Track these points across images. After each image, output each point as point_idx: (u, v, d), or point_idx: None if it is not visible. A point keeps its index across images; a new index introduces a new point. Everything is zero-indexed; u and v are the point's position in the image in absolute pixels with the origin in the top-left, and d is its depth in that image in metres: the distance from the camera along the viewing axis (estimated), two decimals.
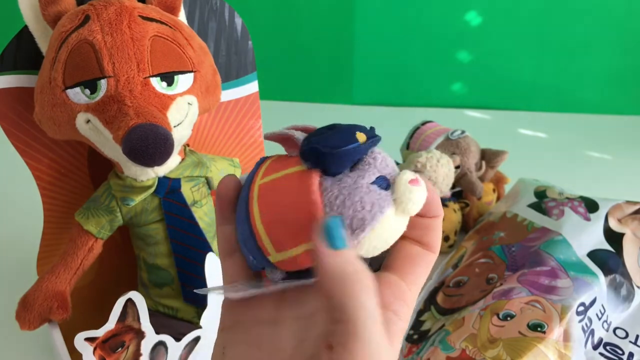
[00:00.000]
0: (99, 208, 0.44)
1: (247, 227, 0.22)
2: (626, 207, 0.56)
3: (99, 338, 0.41)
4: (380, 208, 0.20)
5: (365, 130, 0.22)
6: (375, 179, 0.21)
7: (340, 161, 0.21)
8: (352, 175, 0.21)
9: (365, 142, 0.21)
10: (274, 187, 0.22)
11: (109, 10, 0.39)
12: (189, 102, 0.41)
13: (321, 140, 0.21)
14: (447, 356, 0.44)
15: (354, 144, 0.21)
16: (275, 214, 0.21)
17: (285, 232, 0.21)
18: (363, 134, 0.22)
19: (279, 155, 0.24)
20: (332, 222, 0.20)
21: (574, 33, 1.15)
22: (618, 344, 0.47)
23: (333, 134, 0.21)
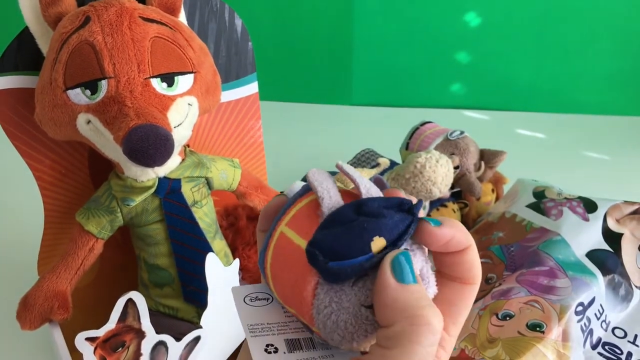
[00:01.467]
0: (100, 208, 0.44)
1: (261, 262, 0.22)
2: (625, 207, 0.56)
3: (100, 338, 0.41)
4: (364, 334, 0.19)
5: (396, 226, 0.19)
6: (372, 304, 0.19)
7: (335, 278, 0.19)
8: (348, 293, 0.19)
9: (380, 251, 0.18)
10: (285, 247, 0.20)
11: (109, 12, 0.39)
12: (189, 102, 0.42)
13: (325, 242, 0.19)
14: None
15: (360, 258, 0.18)
16: (278, 272, 0.20)
17: (284, 292, 0.20)
18: (382, 239, 0.19)
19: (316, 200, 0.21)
20: (403, 256, 0.18)
21: (573, 34, 1.15)
22: (617, 344, 0.47)
23: (346, 234, 0.19)
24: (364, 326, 0.19)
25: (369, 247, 0.18)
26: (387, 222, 0.19)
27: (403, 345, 0.18)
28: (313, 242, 0.19)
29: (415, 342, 0.17)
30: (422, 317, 0.18)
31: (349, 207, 0.19)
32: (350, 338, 0.19)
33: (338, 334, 0.19)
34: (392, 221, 0.19)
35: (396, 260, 0.19)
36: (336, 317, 0.19)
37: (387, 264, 0.18)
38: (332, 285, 0.19)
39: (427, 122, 0.75)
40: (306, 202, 0.21)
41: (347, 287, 0.19)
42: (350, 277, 0.19)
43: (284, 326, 0.23)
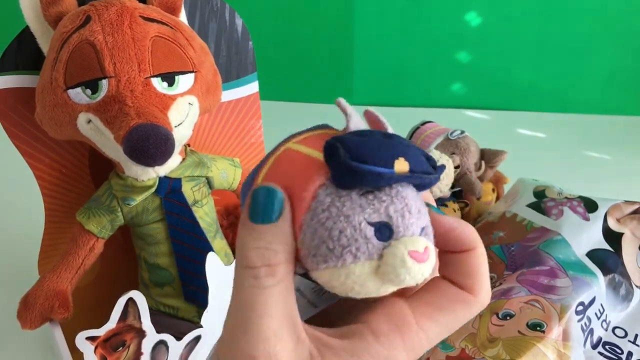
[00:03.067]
0: (100, 208, 0.44)
1: (251, 177, 0.20)
2: (625, 207, 0.56)
3: (100, 337, 0.41)
4: (354, 253, 0.17)
5: (422, 163, 0.18)
6: (377, 222, 0.17)
7: (349, 178, 0.17)
8: (355, 201, 0.17)
9: (400, 174, 0.17)
10: (289, 157, 0.19)
11: (110, 11, 0.39)
12: (189, 102, 0.42)
13: (350, 142, 0.17)
14: (447, 355, 0.44)
15: (380, 169, 0.17)
16: (273, 175, 0.19)
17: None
18: (407, 164, 0.17)
19: (329, 131, 0.20)
20: (266, 190, 0.18)
21: (574, 33, 1.15)
22: (617, 343, 0.47)
23: (373, 144, 0.17)
24: (358, 243, 0.17)
25: (392, 162, 0.17)
26: (415, 152, 0.18)
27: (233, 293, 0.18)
28: (338, 138, 0.17)
29: (238, 285, 0.18)
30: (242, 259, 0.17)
31: (378, 132, 0.18)
32: (339, 254, 0.17)
33: (327, 246, 0.17)
34: (419, 154, 0.18)
35: (256, 193, 0.18)
36: (332, 224, 0.17)
37: (248, 199, 0.18)
38: (337, 190, 0.17)
39: (427, 122, 0.75)
40: (320, 132, 0.20)
41: (354, 195, 0.17)
42: (364, 184, 0.17)
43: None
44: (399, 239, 0.17)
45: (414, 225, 0.17)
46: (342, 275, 0.17)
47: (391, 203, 0.17)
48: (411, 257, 0.17)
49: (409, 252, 0.17)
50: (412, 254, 0.17)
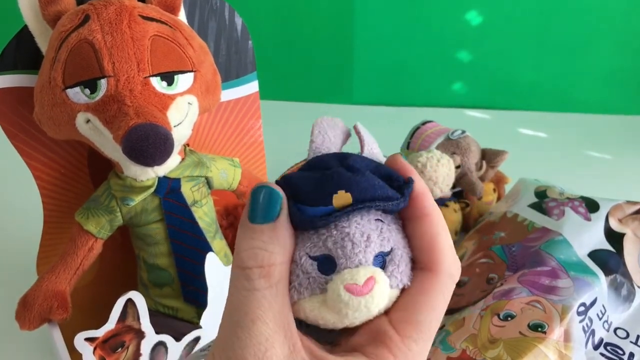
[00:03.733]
0: (99, 208, 0.44)
1: None
2: (627, 207, 0.56)
3: (99, 338, 0.41)
4: (297, 289, 0.17)
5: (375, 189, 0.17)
6: (318, 256, 0.17)
7: (295, 219, 0.17)
8: (299, 236, 0.17)
9: (341, 207, 0.17)
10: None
11: (109, 10, 0.39)
12: (189, 101, 0.41)
13: (294, 180, 0.17)
14: (448, 356, 0.44)
15: (313, 210, 0.17)
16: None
17: None
18: (349, 195, 0.16)
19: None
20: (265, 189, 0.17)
21: (575, 33, 1.14)
22: (619, 344, 0.47)
23: (313, 181, 0.17)
24: (299, 278, 0.17)
25: (330, 198, 0.16)
26: (360, 180, 0.17)
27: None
28: (285, 177, 0.18)
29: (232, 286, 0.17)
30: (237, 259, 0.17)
31: (333, 157, 0.18)
32: (291, 289, 0.17)
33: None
34: (367, 182, 0.17)
35: (255, 192, 0.17)
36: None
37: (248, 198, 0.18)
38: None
39: (428, 122, 0.75)
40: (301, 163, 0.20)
41: (299, 231, 0.18)
42: (304, 225, 0.17)
43: None
44: (340, 272, 0.16)
45: (360, 255, 0.16)
46: (300, 311, 0.17)
47: (330, 235, 0.17)
48: (347, 291, 0.16)
49: (345, 285, 0.16)
50: (348, 287, 0.16)
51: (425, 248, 0.18)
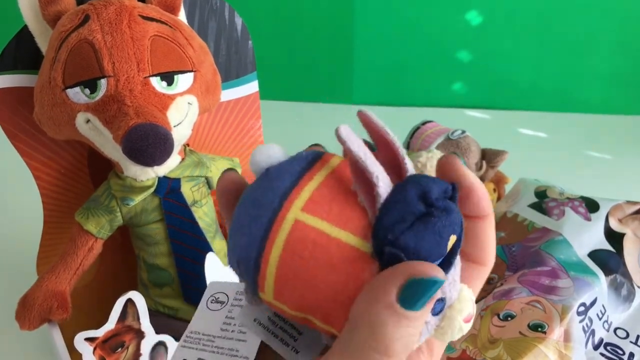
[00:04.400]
0: (99, 208, 0.44)
1: (254, 251, 0.17)
2: (627, 207, 0.56)
3: (99, 338, 0.41)
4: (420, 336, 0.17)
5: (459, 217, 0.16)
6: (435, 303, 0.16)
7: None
8: None
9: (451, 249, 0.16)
10: (314, 246, 0.16)
11: (108, 10, 0.39)
12: (189, 101, 0.41)
13: (409, 241, 0.15)
14: (448, 356, 0.44)
15: (438, 261, 0.16)
16: (298, 278, 0.16)
17: (298, 298, 0.16)
18: (454, 236, 0.16)
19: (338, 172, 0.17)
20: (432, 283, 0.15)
21: (575, 33, 1.14)
22: (619, 344, 0.47)
23: (426, 231, 0.15)
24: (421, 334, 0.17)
25: (446, 247, 0.16)
26: (457, 217, 0.16)
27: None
28: (395, 242, 0.15)
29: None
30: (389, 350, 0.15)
31: (412, 193, 0.16)
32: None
33: None
34: (458, 214, 0.16)
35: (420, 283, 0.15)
36: None
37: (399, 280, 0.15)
38: None
39: (428, 122, 0.75)
40: (323, 177, 0.17)
41: None
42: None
43: (211, 340, 0.22)
44: (452, 306, 0.17)
45: (457, 283, 0.17)
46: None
47: (445, 278, 0.16)
48: (465, 322, 0.17)
49: (464, 319, 0.17)
50: (466, 320, 0.17)
51: (481, 245, 0.18)
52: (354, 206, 0.16)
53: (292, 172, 0.17)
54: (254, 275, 0.17)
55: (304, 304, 0.17)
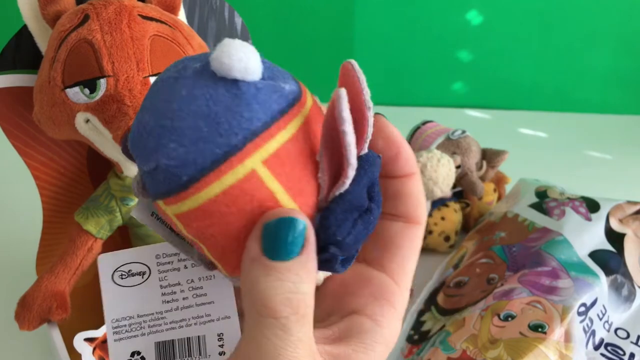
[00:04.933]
0: (99, 208, 0.44)
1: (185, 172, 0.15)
2: (627, 207, 0.56)
3: (99, 338, 0.41)
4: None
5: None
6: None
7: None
8: None
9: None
10: (258, 206, 0.15)
11: (108, 10, 0.39)
12: None
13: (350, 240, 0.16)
14: (448, 357, 0.44)
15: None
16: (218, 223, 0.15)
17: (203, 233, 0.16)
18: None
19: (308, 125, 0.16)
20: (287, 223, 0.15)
21: (576, 32, 1.14)
22: (619, 345, 0.47)
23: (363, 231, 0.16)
24: None
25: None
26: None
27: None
28: (340, 242, 0.15)
29: (257, 336, 0.15)
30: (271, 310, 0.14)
31: (363, 185, 0.16)
32: None
33: None
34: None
35: (273, 226, 0.14)
36: None
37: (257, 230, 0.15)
38: None
39: (428, 122, 0.74)
40: (295, 129, 0.15)
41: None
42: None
43: (159, 319, 0.19)
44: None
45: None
46: None
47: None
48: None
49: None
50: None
51: (415, 203, 0.18)
52: (310, 178, 0.15)
53: (268, 108, 0.15)
54: (165, 188, 0.15)
55: (206, 238, 0.16)
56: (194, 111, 0.14)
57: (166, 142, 0.15)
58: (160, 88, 0.15)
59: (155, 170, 0.15)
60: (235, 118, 0.14)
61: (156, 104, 0.15)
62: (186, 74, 0.15)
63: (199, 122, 0.14)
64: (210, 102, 0.14)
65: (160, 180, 0.15)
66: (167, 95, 0.15)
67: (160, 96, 0.15)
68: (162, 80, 0.16)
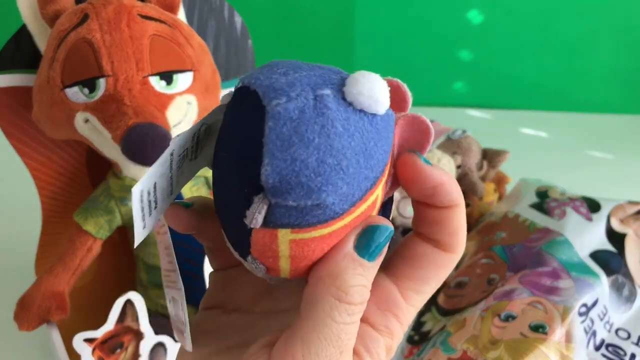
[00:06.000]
0: (98, 208, 0.44)
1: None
2: (628, 207, 0.55)
3: (98, 339, 0.41)
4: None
5: None
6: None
7: None
8: None
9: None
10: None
11: (107, 9, 0.39)
12: (188, 101, 0.41)
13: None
14: (449, 357, 0.44)
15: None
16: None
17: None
18: None
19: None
20: (386, 230, 0.17)
21: (577, 32, 1.14)
22: (620, 345, 0.46)
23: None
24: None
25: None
26: None
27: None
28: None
29: (326, 318, 0.16)
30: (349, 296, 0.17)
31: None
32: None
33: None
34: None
35: (376, 230, 0.17)
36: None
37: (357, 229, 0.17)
38: None
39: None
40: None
41: None
42: None
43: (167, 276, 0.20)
44: None
45: None
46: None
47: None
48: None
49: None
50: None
51: (450, 233, 0.18)
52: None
53: (390, 138, 0.17)
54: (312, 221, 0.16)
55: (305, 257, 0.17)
56: (354, 148, 0.15)
57: (335, 181, 0.15)
58: (303, 118, 0.15)
59: (311, 207, 0.16)
60: (379, 152, 0.16)
61: (311, 139, 0.15)
62: (330, 104, 0.15)
63: (359, 159, 0.15)
64: (364, 139, 0.16)
65: (313, 214, 0.16)
66: (321, 130, 0.15)
67: (312, 129, 0.15)
68: (300, 108, 0.15)
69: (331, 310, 0.16)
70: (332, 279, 0.17)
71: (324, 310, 0.16)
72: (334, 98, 0.15)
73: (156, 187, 0.18)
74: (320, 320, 0.16)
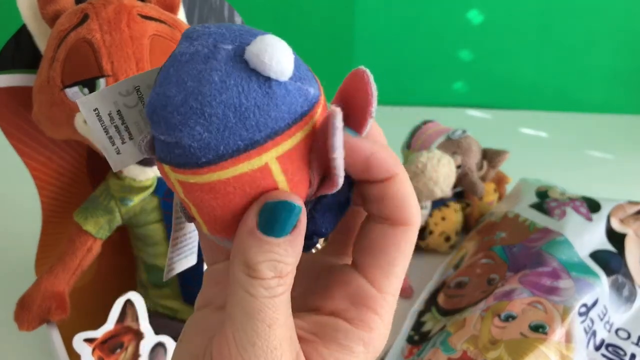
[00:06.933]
0: (98, 208, 0.44)
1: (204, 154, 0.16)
2: (628, 207, 0.55)
3: (98, 339, 0.41)
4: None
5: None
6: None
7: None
8: None
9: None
10: (260, 179, 0.16)
11: (107, 9, 0.39)
12: None
13: (330, 230, 0.18)
14: (449, 357, 0.44)
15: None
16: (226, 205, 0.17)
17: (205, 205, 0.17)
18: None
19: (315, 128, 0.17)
20: (285, 205, 0.16)
21: (577, 32, 1.14)
22: (620, 345, 0.46)
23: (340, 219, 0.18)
24: None
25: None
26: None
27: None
28: (324, 234, 0.18)
29: (244, 294, 0.16)
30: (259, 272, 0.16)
31: (346, 186, 0.18)
32: None
33: None
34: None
35: (272, 206, 0.16)
36: None
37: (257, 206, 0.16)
38: None
39: (428, 121, 0.74)
40: (309, 129, 0.17)
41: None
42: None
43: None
44: None
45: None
46: None
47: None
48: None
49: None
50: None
51: (397, 205, 0.18)
52: (305, 174, 0.17)
53: (293, 111, 0.16)
54: (178, 161, 0.16)
55: (203, 207, 0.17)
56: (225, 101, 0.15)
57: (193, 124, 0.15)
58: (189, 62, 0.16)
59: (173, 144, 0.16)
60: (263, 116, 0.15)
61: (185, 80, 0.15)
62: (218, 56, 0.15)
63: (228, 113, 0.15)
64: (242, 96, 0.15)
65: (176, 153, 0.16)
66: (197, 75, 0.15)
67: (190, 72, 0.15)
68: (191, 53, 0.16)
69: (245, 285, 0.16)
70: (239, 256, 0.16)
71: (241, 286, 0.16)
72: (229, 53, 0.16)
73: (123, 115, 0.18)
74: (239, 296, 0.16)
